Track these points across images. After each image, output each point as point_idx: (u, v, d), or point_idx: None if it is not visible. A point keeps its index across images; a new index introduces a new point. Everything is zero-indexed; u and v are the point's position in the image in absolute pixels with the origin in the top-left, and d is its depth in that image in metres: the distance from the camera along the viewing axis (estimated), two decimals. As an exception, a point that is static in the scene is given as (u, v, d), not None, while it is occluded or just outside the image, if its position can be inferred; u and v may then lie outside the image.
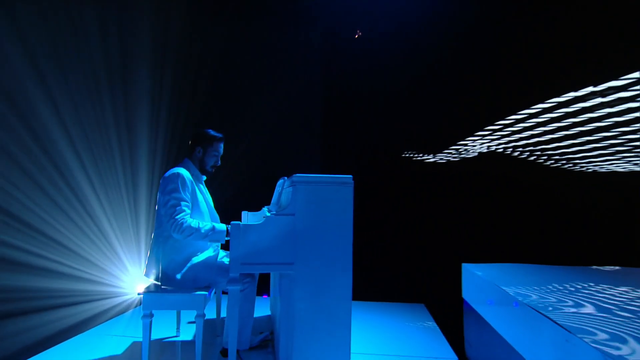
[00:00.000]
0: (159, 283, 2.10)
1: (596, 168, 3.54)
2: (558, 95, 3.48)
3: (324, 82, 3.78)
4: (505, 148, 3.71)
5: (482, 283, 2.12)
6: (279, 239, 1.94)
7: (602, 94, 3.22)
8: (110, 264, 3.26)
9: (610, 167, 3.49)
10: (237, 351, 2.03)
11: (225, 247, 2.29)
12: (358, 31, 3.72)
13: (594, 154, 3.54)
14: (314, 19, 3.74)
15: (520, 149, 3.69)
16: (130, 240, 3.59)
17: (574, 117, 3.52)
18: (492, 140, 3.73)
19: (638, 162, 3.40)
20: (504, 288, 1.78)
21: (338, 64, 3.76)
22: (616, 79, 3.23)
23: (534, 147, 3.66)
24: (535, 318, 1.36)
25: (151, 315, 2.00)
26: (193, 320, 2.79)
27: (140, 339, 2.12)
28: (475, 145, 3.71)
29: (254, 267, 1.93)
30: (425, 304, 3.23)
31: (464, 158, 3.72)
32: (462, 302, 2.42)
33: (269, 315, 2.91)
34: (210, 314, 2.53)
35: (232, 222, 1.91)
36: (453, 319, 2.57)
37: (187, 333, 2.58)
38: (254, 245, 1.92)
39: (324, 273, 1.97)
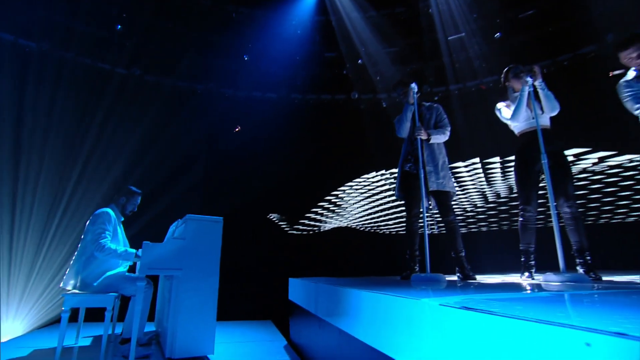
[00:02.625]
0: (77, 290, 3.00)
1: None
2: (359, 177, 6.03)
3: (206, 158, 5.78)
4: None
5: (298, 287, 3.67)
6: (174, 253, 3.12)
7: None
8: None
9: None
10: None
11: (131, 270, 3.35)
12: (238, 126, 5.67)
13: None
14: (207, 112, 5.67)
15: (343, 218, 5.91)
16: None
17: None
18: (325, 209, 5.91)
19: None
20: (307, 282, 3.34)
21: (217, 147, 5.78)
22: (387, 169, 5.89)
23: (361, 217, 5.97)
24: (322, 289, 2.88)
25: (69, 312, 2.85)
26: (88, 335, 3.52)
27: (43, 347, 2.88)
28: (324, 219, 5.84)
29: (156, 270, 3.04)
30: (272, 320, 4.58)
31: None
32: (289, 303, 3.87)
33: (154, 330, 3.77)
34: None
35: (144, 242, 3.07)
36: (285, 319, 3.98)
37: (84, 342, 3.28)
38: (157, 257, 3.05)
39: (200, 276, 3.11)
